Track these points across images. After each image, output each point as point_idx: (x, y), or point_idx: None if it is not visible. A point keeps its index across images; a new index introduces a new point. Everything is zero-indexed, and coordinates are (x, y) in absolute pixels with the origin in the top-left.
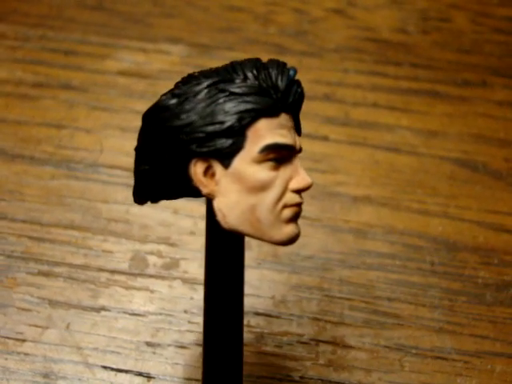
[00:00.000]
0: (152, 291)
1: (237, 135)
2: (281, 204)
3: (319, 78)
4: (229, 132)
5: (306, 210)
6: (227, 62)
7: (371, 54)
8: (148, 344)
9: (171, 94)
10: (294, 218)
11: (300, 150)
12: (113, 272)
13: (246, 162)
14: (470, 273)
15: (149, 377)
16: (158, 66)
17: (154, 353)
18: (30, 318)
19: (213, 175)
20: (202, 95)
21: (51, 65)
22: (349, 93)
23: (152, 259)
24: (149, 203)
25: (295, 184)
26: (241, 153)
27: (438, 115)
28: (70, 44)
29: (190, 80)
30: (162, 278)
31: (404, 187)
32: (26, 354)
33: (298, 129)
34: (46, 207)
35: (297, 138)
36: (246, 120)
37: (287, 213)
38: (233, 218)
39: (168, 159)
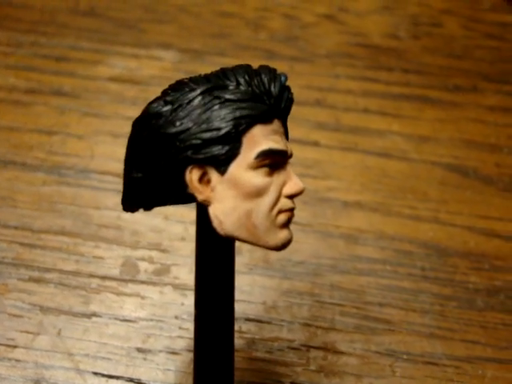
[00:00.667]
0: (143, 297)
1: (233, 141)
2: (276, 209)
3: (310, 83)
4: (225, 138)
5: (298, 215)
6: (218, 67)
7: (362, 60)
8: (139, 350)
9: (163, 100)
10: (287, 223)
11: (291, 156)
12: (104, 278)
13: (241, 168)
14: (461, 278)
15: (140, 383)
16: (149, 72)
17: (145, 359)
18: (21, 324)
19: (208, 182)
20: (196, 102)
21: (43, 71)
22: (340, 98)
23: (143, 265)
24: (140, 210)
25: (288, 189)
26: (237, 159)
27: (429, 120)
28: (62, 50)
29: (181, 87)
30: (153, 283)
31: (395, 193)
32: (18, 361)
33: (286, 134)
34: (38, 213)
35: (288, 143)
36: (243, 126)
37: (282, 218)
38: (229, 224)
39: (163, 166)
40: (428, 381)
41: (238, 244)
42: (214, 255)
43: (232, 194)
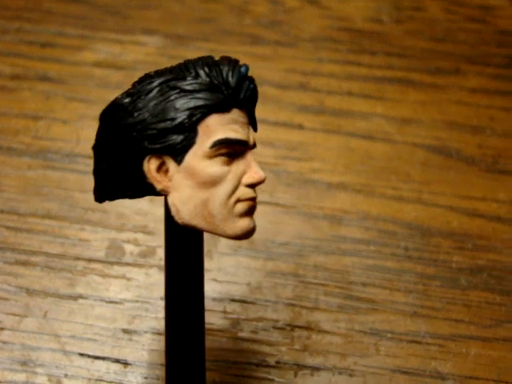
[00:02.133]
0: (128, 279)
1: (188, 131)
2: (233, 198)
3: (294, 67)
4: (180, 128)
5: (282, 197)
6: (203, 52)
7: (345, 44)
8: (125, 331)
9: (126, 93)
10: (248, 213)
11: (254, 146)
12: (89, 260)
13: (197, 158)
14: (444, 257)
15: (126, 363)
16: (134, 57)
17: (131, 340)
18: (7, 306)
19: (166, 171)
20: (153, 93)
21: (29, 57)
22: (323, 82)
23: (129, 247)
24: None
25: (248, 179)
26: (193, 148)
27: (411, 103)
28: (47, 36)
29: (144, 79)
30: (139, 265)
31: (378, 174)
32: (5, 343)
33: (253, 125)
34: (24, 197)
35: (251, 133)
36: (197, 116)
37: (240, 207)
38: (186, 213)
39: (123, 157)
40: (412, 359)
41: None
42: (182, 246)
43: (189, 183)
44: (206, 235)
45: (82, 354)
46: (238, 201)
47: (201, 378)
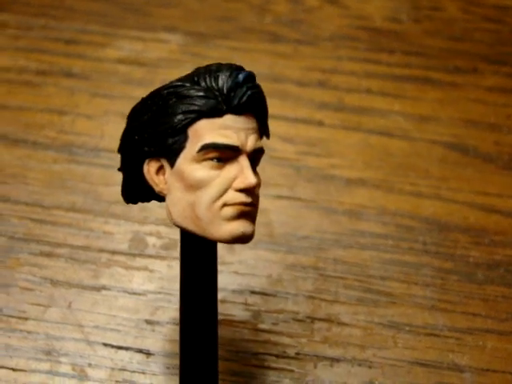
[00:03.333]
0: (151, 271)
1: (178, 135)
2: (220, 202)
3: (314, 65)
4: (172, 132)
5: (302, 192)
6: (224, 50)
7: (364, 42)
8: (147, 322)
9: (142, 98)
10: (237, 217)
11: (257, 151)
12: (113, 252)
13: (187, 161)
14: (462, 252)
15: (148, 353)
16: (156, 54)
17: (154, 330)
18: (32, 297)
19: (164, 174)
20: (157, 98)
21: (53, 53)
22: (343, 79)
23: (151, 240)
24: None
25: (238, 183)
26: (183, 152)
27: (429, 101)
28: (71, 33)
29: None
30: (161, 258)
31: (397, 170)
32: (29, 332)
33: (264, 131)
34: (48, 190)
35: (252, 138)
36: (187, 120)
37: (228, 211)
38: (176, 215)
39: (130, 160)
40: (429, 352)
41: None
42: (197, 250)
43: (179, 186)
44: None
45: (105, 344)
46: (225, 205)
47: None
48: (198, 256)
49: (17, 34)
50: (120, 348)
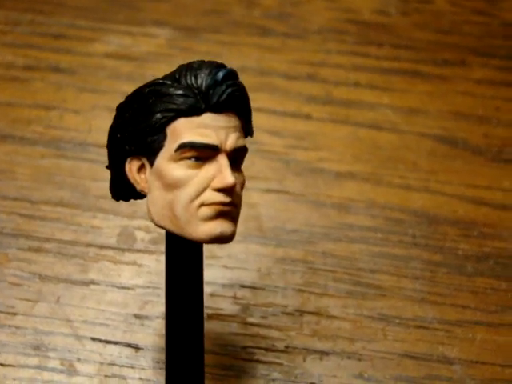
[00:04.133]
0: (140, 265)
1: (157, 133)
2: (197, 202)
3: (302, 58)
4: (151, 130)
5: (290, 185)
6: (213, 44)
7: (353, 35)
8: (136, 316)
9: (127, 96)
10: (215, 217)
11: (238, 150)
12: (101, 247)
13: (165, 160)
14: (451, 245)
15: (137, 348)
16: (144, 49)
17: (142, 324)
18: (21, 292)
19: (145, 173)
20: (139, 96)
21: (41, 48)
22: (331, 73)
23: (140, 234)
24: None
25: (215, 183)
26: (162, 151)
27: (418, 93)
28: (59, 28)
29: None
30: (150, 252)
31: (385, 163)
32: (18, 327)
33: (247, 128)
34: (36, 185)
35: (233, 137)
36: (165, 119)
37: (205, 211)
38: (155, 214)
39: (115, 159)
40: (419, 344)
41: None
42: (182, 245)
43: (158, 185)
44: None
45: (94, 339)
46: (203, 205)
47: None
48: (183, 251)
49: (4, 29)
50: (109, 342)
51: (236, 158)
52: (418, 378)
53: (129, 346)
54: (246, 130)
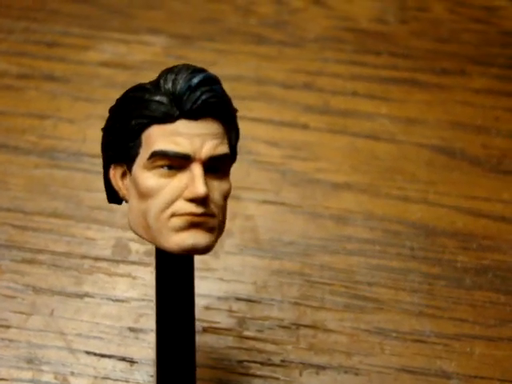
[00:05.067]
0: (134, 277)
1: (134, 140)
2: (168, 212)
3: (299, 67)
4: (128, 137)
5: (287, 196)
6: (208, 52)
7: (350, 44)
8: (131, 329)
9: (116, 100)
10: (187, 228)
11: (216, 159)
12: (96, 259)
13: (140, 168)
14: (449, 257)
15: (132, 361)
16: (139, 57)
17: (137, 338)
18: (14, 304)
19: (126, 180)
20: (122, 101)
21: (35, 56)
22: (328, 82)
23: (134, 246)
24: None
25: (186, 193)
26: (138, 158)
27: (416, 103)
28: (53, 36)
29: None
30: (145, 264)
31: (383, 174)
32: (11, 340)
33: (230, 135)
34: (30, 196)
35: (209, 145)
36: (139, 126)
37: (176, 221)
38: (132, 222)
39: (103, 164)
40: (417, 358)
41: (228, 226)
42: (172, 257)
43: (133, 193)
44: None
45: (88, 352)
46: (174, 215)
47: None
48: (172, 262)
49: None
50: (103, 356)
51: (216, 166)
52: None
53: (123, 359)
54: (232, 136)
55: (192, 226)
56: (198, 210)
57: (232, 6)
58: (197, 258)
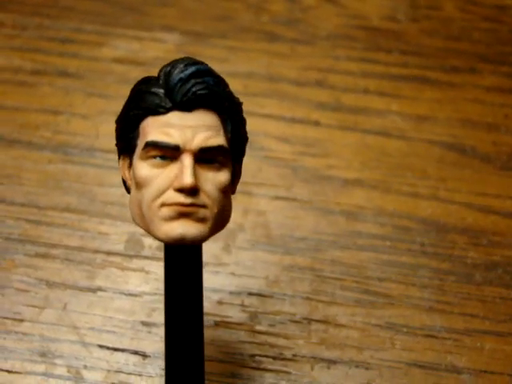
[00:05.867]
0: (147, 272)
1: (133, 132)
2: (159, 201)
3: (311, 64)
4: (128, 129)
5: (299, 192)
6: (220, 49)
7: (362, 42)
8: (143, 323)
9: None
10: (176, 217)
11: (208, 150)
12: (109, 253)
13: (137, 159)
14: (459, 253)
15: (144, 355)
16: (152, 54)
17: (150, 332)
18: (27, 298)
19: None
20: (130, 94)
21: (48, 53)
22: (340, 79)
23: (147, 241)
24: None
25: (175, 183)
26: (136, 149)
27: (427, 100)
28: (66, 32)
29: None
30: (157, 259)
31: (394, 170)
32: (24, 334)
33: (226, 127)
34: (44, 191)
35: (201, 136)
36: (136, 117)
37: (165, 211)
38: (131, 212)
39: (118, 156)
40: (427, 353)
41: (240, 221)
42: (180, 251)
43: (133, 184)
44: (223, 233)
45: (101, 346)
46: (164, 205)
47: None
48: (180, 256)
49: (12, 33)
50: (116, 350)
51: (210, 158)
52: None
53: (136, 353)
54: (228, 128)
55: (181, 215)
56: (187, 200)
57: (244, 4)
58: (209, 253)
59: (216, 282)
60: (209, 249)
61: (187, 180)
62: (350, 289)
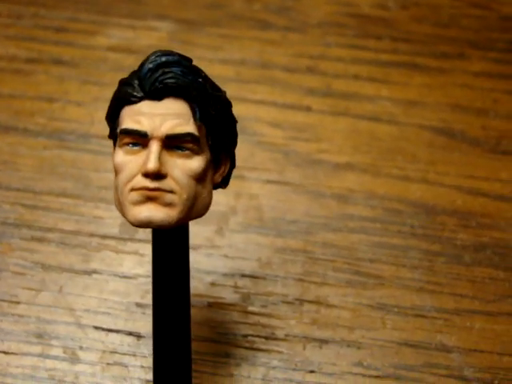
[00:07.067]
0: (141, 255)
1: (114, 121)
2: (129, 186)
3: (302, 51)
4: (112, 118)
5: (290, 176)
6: (213, 37)
7: (352, 29)
8: (138, 305)
9: None
10: (143, 201)
11: (176, 137)
12: (103, 237)
13: (116, 146)
14: (449, 235)
15: (139, 336)
16: (146, 42)
17: (144, 313)
18: (24, 281)
19: None
20: (118, 85)
21: (43, 41)
22: (331, 65)
23: None
24: None
25: (141, 168)
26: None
27: (416, 86)
28: (61, 21)
29: None
30: (151, 242)
31: (384, 154)
32: (21, 316)
33: (195, 115)
34: (39, 176)
35: (169, 124)
36: (115, 107)
37: (133, 195)
38: (113, 197)
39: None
40: (418, 332)
41: (233, 204)
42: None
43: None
44: (216, 217)
45: (96, 327)
46: (132, 189)
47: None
48: (168, 239)
49: (7, 22)
50: (111, 331)
51: (179, 145)
52: (416, 366)
53: (130, 334)
54: (197, 116)
55: (148, 199)
56: (152, 184)
57: None
58: (202, 236)
59: (209, 264)
60: (202, 232)
61: (150, 165)
62: (342, 270)
